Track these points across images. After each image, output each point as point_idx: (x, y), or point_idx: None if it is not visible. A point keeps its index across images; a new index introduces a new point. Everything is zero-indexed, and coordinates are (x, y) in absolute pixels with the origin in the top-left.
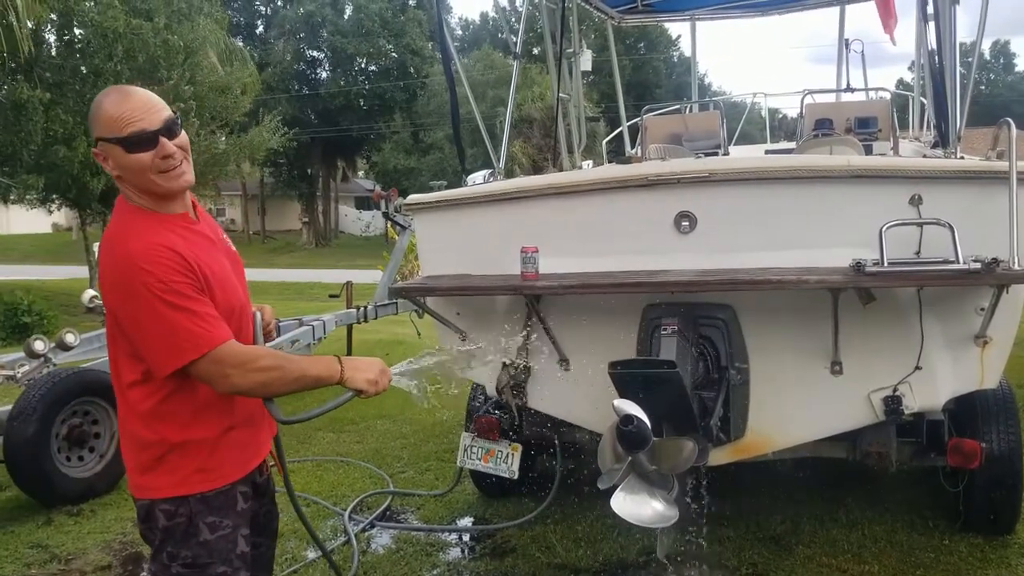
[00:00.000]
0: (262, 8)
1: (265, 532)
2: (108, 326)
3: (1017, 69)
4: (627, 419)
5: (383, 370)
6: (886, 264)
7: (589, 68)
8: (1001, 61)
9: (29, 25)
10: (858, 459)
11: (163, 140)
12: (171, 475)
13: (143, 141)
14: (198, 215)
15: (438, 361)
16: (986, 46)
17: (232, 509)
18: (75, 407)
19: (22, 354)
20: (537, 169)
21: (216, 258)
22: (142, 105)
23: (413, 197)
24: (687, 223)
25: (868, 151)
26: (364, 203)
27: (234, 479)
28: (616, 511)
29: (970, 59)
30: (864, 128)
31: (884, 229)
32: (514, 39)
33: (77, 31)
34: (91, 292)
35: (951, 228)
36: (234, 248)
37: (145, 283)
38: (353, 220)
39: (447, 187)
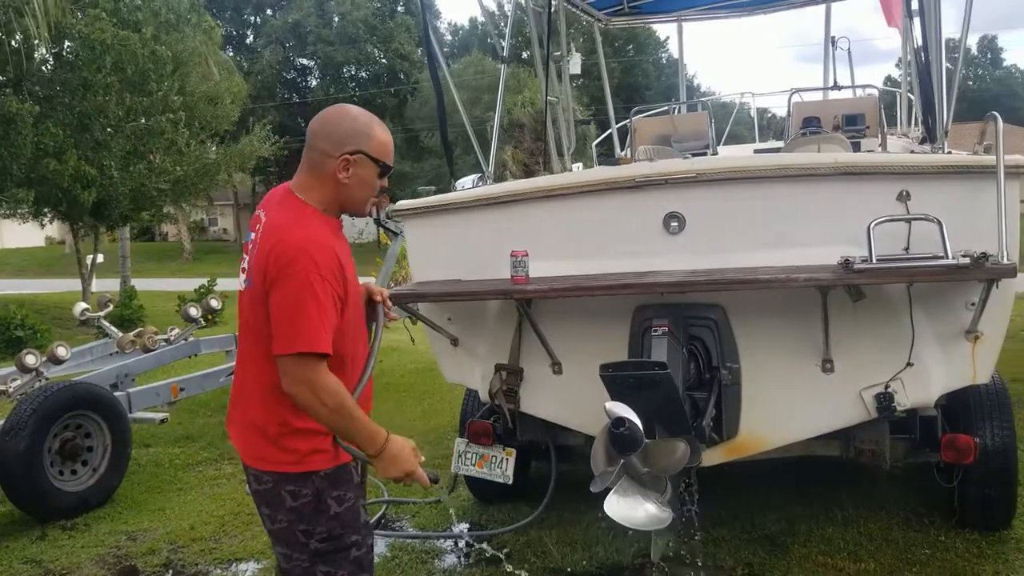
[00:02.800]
0: (251, 18)
1: None
2: (253, 301)
3: (1005, 64)
4: (619, 421)
5: (407, 474)
6: (875, 261)
7: (579, 71)
8: (988, 56)
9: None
10: (852, 457)
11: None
12: (290, 454)
13: (387, 173)
14: None
15: None
16: (973, 41)
17: (351, 482)
18: (67, 421)
19: (14, 368)
20: (529, 174)
21: (351, 260)
22: None
23: (402, 203)
24: (676, 224)
25: (856, 148)
26: None
27: (346, 460)
28: (609, 514)
29: (956, 55)
30: (852, 125)
31: (872, 226)
32: (502, 43)
33: (66, 43)
34: (83, 305)
35: (939, 223)
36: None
37: (306, 268)
38: (346, 228)
39: (436, 192)
